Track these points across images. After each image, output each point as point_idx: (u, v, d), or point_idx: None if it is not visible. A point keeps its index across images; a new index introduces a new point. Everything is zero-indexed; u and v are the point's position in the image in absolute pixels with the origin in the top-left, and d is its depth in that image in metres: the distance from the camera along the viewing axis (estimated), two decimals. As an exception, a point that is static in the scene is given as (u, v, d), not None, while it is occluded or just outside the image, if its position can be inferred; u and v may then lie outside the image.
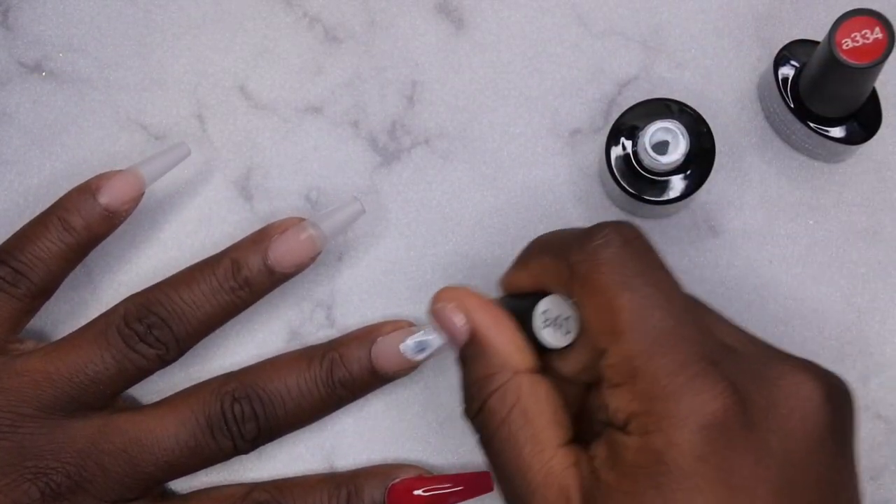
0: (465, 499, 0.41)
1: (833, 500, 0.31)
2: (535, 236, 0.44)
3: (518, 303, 0.36)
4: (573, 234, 0.34)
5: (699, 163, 0.42)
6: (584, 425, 0.35)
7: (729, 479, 0.30)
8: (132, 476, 0.39)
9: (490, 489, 0.41)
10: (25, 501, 0.38)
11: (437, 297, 0.37)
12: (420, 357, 0.40)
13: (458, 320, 0.36)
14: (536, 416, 0.34)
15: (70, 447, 0.39)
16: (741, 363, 0.32)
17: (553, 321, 0.35)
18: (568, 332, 0.35)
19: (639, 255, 0.33)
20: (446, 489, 0.40)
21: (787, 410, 0.31)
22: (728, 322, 0.35)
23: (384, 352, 0.41)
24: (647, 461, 0.31)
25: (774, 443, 0.31)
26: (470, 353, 0.35)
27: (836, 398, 0.32)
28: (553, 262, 0.35)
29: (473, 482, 0.41)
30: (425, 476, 0.41)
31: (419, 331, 0.41)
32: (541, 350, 0.35)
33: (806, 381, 0.32)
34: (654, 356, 0.31)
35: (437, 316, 0.36)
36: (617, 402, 0.32)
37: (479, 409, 0.35)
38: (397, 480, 0.41)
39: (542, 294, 0.36)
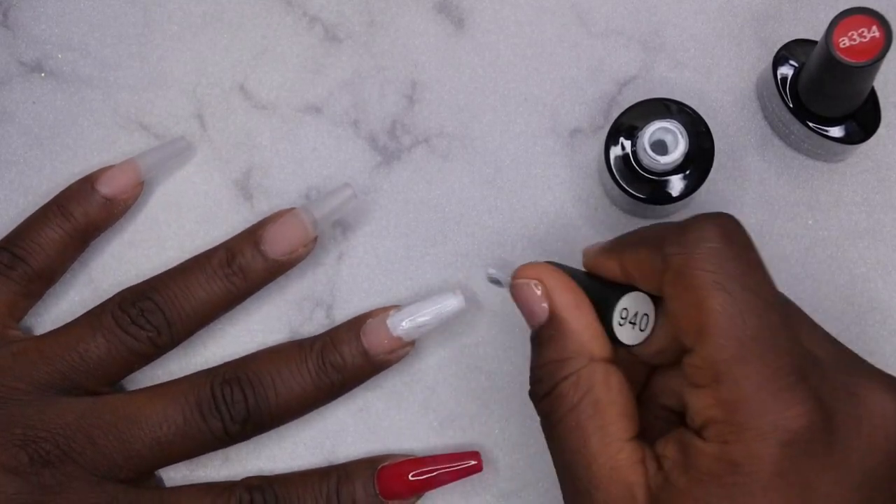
0: (455, 479, 0.41)
1: None
2: (534, 236, 0.45)
3: (599, 287, 0.35)
4: (671, 226, 0.33)
5: (698, 163, 0.42)
6: (645, 408, 0.35)
7: (807, 495, 0.29)
8: (122, 452, 0.40)
9: (479, 470, 0.41)
10: (14, 464, 0.39)
11: (519, 273, 0.35)
12: (407, 330, 0.41)
13: (539, 299, 0.35)
14: (607, 407, 0.33)
15: (59, 419, 0.40)
16: (828, 377, 0.31)
17: (630, 318, 0.34)
18: (642, 330, 0.34)
19: (737, 253, 0.31)
20: (436, 470, 0.40)
21: (871, 429, 0.30)
22: (816, 327, 0.34)
23: (373, 331, 0.41)
24: (722, 470, 0.30)
25: (855, 461, 0.30)
26: (546, 334, 0.34)
27: None
28: (648, 254, 0.33)
29: (463, 463, 0.41)
30: (415, 459, 0.41)
31: (406, 308, 0.41)
32: (613, 339, 0.34)
33: (891, 400, 0.31)
34: (742, 364, 0.30)
35: (517, 292, 0.35)
36: (697, 405, 0.31)
37: (547, 392, 0.34)
38: (387, 464, 0.41)
39: (624, 285, 0.35)
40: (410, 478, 0.40)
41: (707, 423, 0.31)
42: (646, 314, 0.34)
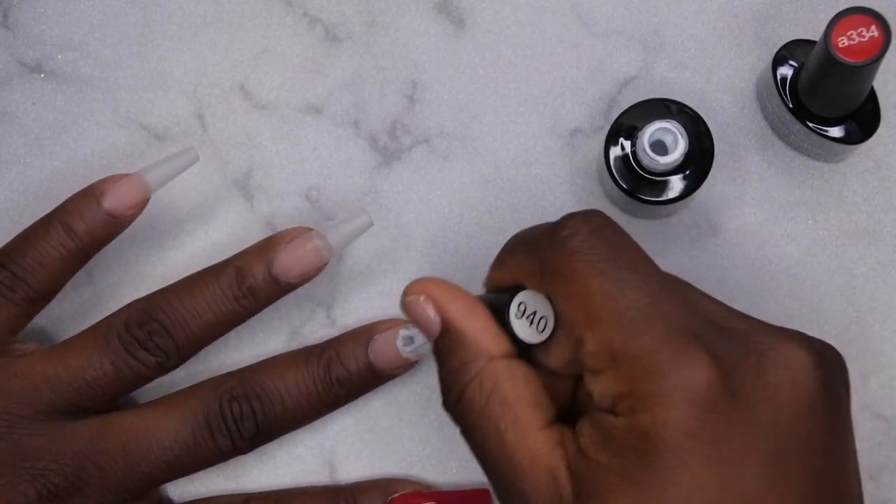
0: None
1: (825, 466, 0.31)
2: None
3: (498, 298, 0.36)
4: (543, 229, 0.34)
5: (698, 163, 0.42)
6: (575, 417, 0.35)
7: (718, 452, 0.30)
8: (130, 477, 0.39)
9: None
10: (22, 502, 0.38)
11: (407, 291, 0.36)
12: (415, 350, 0.40)
13: (429, 312, 0.35)
14: (515, 401, 0.33)
15: (68, 448, 0.39)
16: (726, 337, 0.31)
17: (529, 316, 0.35)
18: (543, 330, 0.34)
19: (608, 240, 0.32)
20: None
21: (776, 380, 0.31)
22: (714, 300, 0.34)
23: (381, 349, 0.41)
24: (635, 440, 0.30)
25: (763, 413, 0.30)
26: (444, 344, 0.35)
27: (826, 365, 0.31)
28: (526, 258, 0.34)
29: (473, 499, 0.41)
30: (425, 492, 0.41)
31: (416, 327, 0.41)
32: (524, 347, 0.35)
33: (794, 350, 0.31)
34: (633, 337, 0.31)
35: (407, 309, 0.36)
36: (601, 388, 0.31)
37: (457, 399, 0.34)
38: (396, 495, 0.41)
39: (521, 289, 0.35)
40: None
41: (615, 400, 0.31)
42: (544, 316, 0.35)
